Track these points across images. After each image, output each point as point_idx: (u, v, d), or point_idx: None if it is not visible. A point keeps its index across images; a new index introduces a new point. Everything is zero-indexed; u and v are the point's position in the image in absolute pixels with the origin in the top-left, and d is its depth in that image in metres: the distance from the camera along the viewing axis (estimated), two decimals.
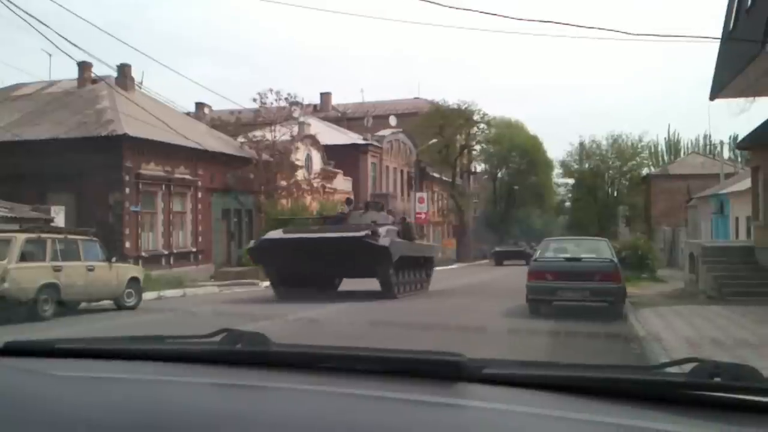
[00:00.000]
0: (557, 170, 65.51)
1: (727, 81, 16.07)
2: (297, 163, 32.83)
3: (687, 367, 1.42)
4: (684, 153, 59.17)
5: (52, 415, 1.27)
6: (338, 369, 1.60)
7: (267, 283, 24.18)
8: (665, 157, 62.14)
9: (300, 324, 12.66)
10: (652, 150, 62.07)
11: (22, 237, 14.27)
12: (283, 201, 30.75)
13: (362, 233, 17.08)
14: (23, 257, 13.95)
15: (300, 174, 32.95)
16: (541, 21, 24.08)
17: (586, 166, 59.51)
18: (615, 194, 59.16)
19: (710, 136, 60.54)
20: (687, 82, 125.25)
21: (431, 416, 1.29)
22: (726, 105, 18.20)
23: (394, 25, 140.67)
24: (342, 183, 40.02)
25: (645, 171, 55.72)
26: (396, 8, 57.47)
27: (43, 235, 14.77)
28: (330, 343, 1.90)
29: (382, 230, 17.68)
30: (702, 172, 40.73)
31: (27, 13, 15.06)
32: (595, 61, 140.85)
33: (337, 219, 20.95)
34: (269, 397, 1.43)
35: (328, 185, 37.22)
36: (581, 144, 59.70)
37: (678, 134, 65.46)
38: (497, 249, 49.87)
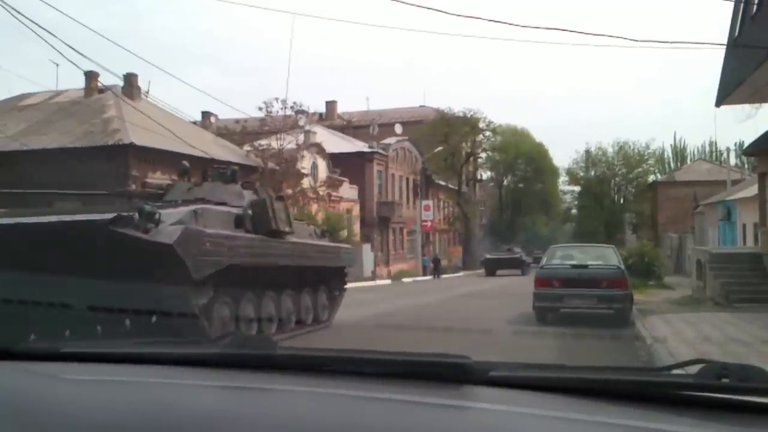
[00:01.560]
0: (563, 177, 65.64)
1: (733, 87, 16.04)
2: (303, 171, 32.88)
3: (693, 369, 1.42)
4: (690, 160, 59.02)
5: (59, 417, 1.27)
6: (344, 372, 1.60)
7: None
8: (671, 164, 62.02)
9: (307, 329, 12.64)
10: (659, 157, 61.98)
11: None
12: (290, 209, 30.73)
13: (108, 216, 8.50)
14: None
15: (306, 182, 32.99)
16: (546, 29, 24.13)
17: (593, 173, 59.51)
18: (621, 201, 59.11)
19: (716, 143, 60.34)
20: (693, 89, 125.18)
21: (437, 418, 1.29)
22: (732, 111, 18.15)
23: (399, 33, 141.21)
24: (348, 191, 40.04)
25: (651, 178, 55.63)
26: (401, 16, 57.49)
27: None
28: (336, 346, 1.90)
29: (177, 212, 9.16)
30: (708, 179, 40.69)
31: (34, 23, 15.14)
32: (601, 68, 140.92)
33: (147, 195, 12.17)
34: (275, 400, 1.43)
35: (334, 193, 37.24)
36: (587, 151, 59.76)
37: (684, 141, 65.55)
38: (488, 256, 43.72)
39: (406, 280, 36.79)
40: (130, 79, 27.30)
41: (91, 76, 26.40)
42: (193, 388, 1.51)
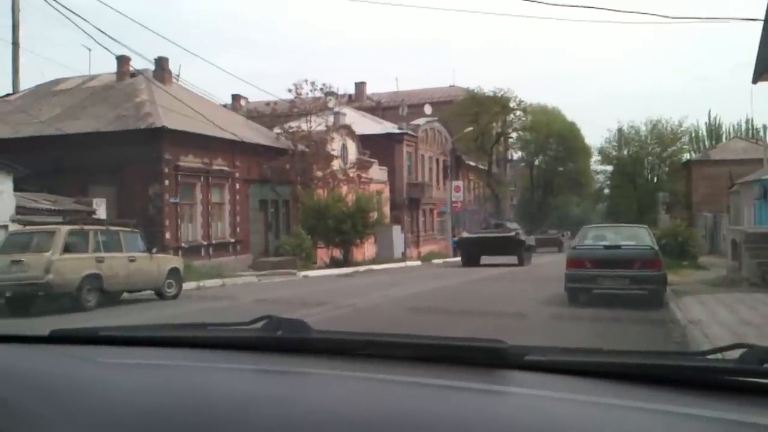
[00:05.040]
0: (595, 157, 64.84)
1: None
2: (332, 153, 32.93)
3: (734, 354, 1.39)
4: (726, 138, 57.79)
5: (97, 399, 1.29)
6: (378, 356, 1.60)
7: (305, 273, 24.51)
8: (706, 143, 60.84)
9: (342, 311, 12.73)
10: (693, 135, 60.85)
11: (65, 229, 14.58)
12: (320, 191, 30.89)
13: None
14: (67, 249, 14.24)
15: (336, 164, 33.03)
16: (578, 7, 23.78)
17: (625, 152, 58.72)
18: (655, 181, 58.25)
19: (752, 120, 58.98)
20: (728, 65, 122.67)
21: (473, 402, 1.28)
22: None
23: (428, 12, 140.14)
24: (377, 173, 40.02)
25: (685, 157, 54.75)
26: None
27: (86, 227, 15.08)
28: (368, 329, 1.90)
29: None
30: (744, 157, 39.91)
31: (67, 8, 15.29)
32: (633, 45, 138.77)
33: None
34: (310, 383, 1.44)
35: (364, 175, 37.25)
36: (620, 130, 58.97)
37: (719, 119, 63.83)
38: (465, 235, 30.78)
39: (436, 261, 36.74)
40: (161, 63, 27.50)
41: (122, 61, 26.66)
42: (229, 371, 1.53)
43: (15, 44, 28.61)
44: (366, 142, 38.53)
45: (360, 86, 57.63)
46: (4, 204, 17.92)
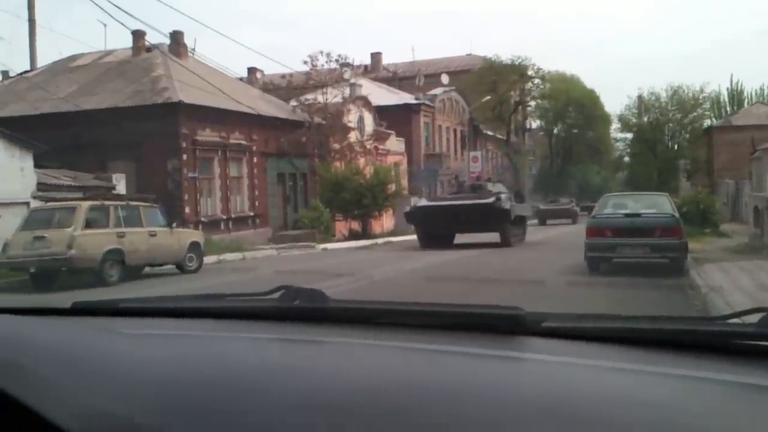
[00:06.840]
0: (615, 125, 64.25)
1: None
2: (349, 125, 32.79)
3: (753, 318, 1.37)
4: (748, 103, 56.86)
5: (118, 370, 1.30)
6: (396, 324, 1.60)
7: (324, 245, 24.61)
8: (728, 108, 59.89)
9: (360, 283, 12.78)
10: (714, 101, 59.90)
11: (86, 205, 14.72)
12: (337, 164, 30.83)
13: None
14: (88, 224, 14.39)
15: (352, 136, 32.92)
16: None
17: (645, 119, 58.08)
18: (675, 148, 57.64)
19: None
20: (752, 29, 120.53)
21: (490, 369, 1.28)
22: None
23: None
24: (395, 144, 39.85)
25: (707, 123, 54.03)
26: None
27: (106, 203, 15.23)
28: (386, 298, 1.90)
29: None
30: (767, 123, 39.28)
31: None
32: (654, 9, 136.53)
33: None
34: (327, 351, 1.44)
35: (381, 146, 37.09)
36: (640, 97, 58.31)
37: (741, 84, 62.70)
38: (423, 203, 23.34)
39: None
40: (176, 37, 27.47)
41: (138, 35, 26.66)
42: (248, 340, 1.54)
43: (31, 21, 28.70)
44: (383, 113, 38.32)
45: (376, 57, 57.15)
46: (25, 181, 18.10)
